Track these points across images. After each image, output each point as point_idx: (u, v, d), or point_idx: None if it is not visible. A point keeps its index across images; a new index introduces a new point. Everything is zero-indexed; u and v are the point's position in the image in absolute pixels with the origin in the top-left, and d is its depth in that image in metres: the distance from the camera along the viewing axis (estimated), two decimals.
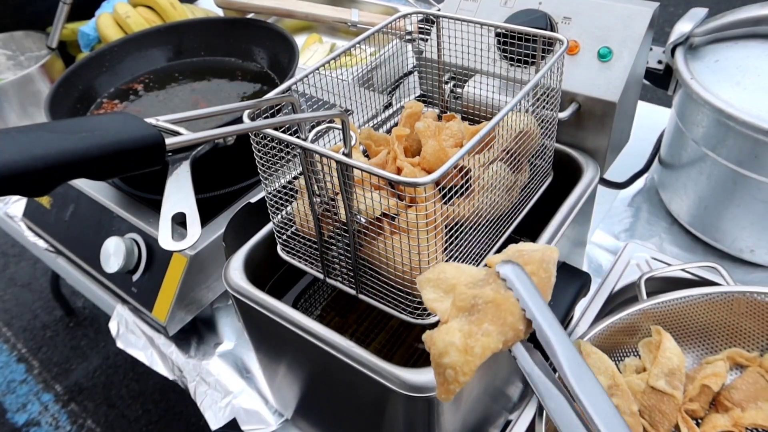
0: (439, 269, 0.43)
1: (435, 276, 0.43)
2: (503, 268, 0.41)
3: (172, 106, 0.90)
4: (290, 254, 0.59)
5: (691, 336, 0.66)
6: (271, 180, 0.56)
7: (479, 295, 0.40)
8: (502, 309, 0.39)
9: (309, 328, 0.52)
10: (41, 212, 0.95)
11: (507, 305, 0.39)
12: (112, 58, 0.95)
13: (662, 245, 0.84)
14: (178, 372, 0.80)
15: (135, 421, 1.62)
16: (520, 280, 0.41)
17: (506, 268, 0.41)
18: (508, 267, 0.41)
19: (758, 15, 0.74)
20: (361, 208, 0.50)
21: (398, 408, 0.51)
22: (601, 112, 0.66)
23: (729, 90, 0.70)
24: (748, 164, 0.70)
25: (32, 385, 1.75)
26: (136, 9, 1.16)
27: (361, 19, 1.10)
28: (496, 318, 0.38)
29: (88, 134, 0.34)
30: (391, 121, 0.73)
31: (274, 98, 0.52)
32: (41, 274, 2.06)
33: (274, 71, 0.94)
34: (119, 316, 0.84)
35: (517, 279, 0.40)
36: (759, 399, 0.59)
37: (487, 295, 0.39)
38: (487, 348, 0.38)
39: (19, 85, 1.10)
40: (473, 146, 0.47)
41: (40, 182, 0.32)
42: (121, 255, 0.78)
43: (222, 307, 0.85)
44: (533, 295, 0.40)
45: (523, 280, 0.41)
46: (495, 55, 0.68)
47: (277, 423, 0.72)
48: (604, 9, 0.67)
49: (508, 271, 0.41)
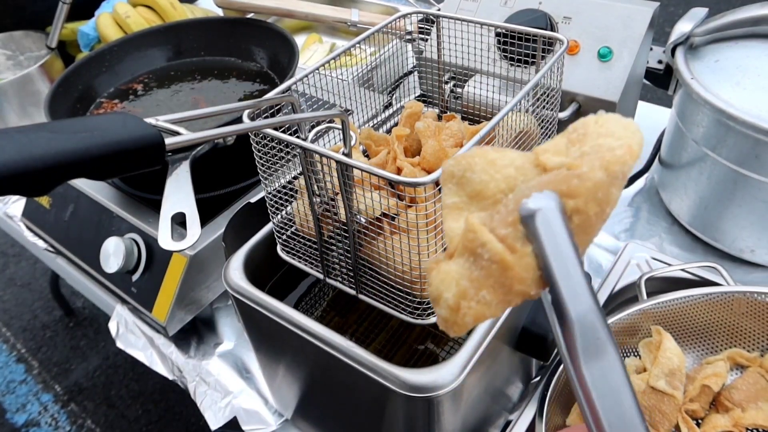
0: (468, 159, 0.32)
1: (460, 170, 0.32)
2: (530, 205, 0.29)
3: (172, 106, 0.90)
4: (290, 254, 0.59)
5: (691, 336, 0.65)
6: (271, 180, 0.56)
7: (487, 245, 0.29)
8: (508, 275, 0.29)
9: (309, 328, 0.52)
10: (41, 212, 0.95)
11: (517, 270, 0.29)
12: (112, 58, 0.95)
13: (662, 245, 0.84)
14: (177, 372, 0.80)
15: (135, 422, 1.62)
16: (549, 230, 0.28)
17: (535, 205, 0.28)
18: (538, 205, 0.28)
19: (758, 15, 0.74)
20: (361, 208, 0.50)
21: (398, 408, 0.51)
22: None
23: (729, 90, 0.70)
24: (748, 164, 0.70)
25: (32, 385, 1.75)
26: (135, 9, 1.16)
27: (361, 19, 1.10)
28: (499, 285, 0.29)
29: (88, 134, 0.34)
30: (391, 121, 0.73)
31: (273, 98, 0.52)
32: (41, 274, 2.06)
33: (274, 71, 0.94)
34: (119, 316, 0.84)
35: (544, 228, 0.28)
36: (759, 399, 0.59)
37: (494, 251, 0.29)
38: (479, 318, 0.29)
39: (18, 85, 1.10)
40: (473, 146, 0.47)
41: (39, 182, 0.32)
42: (120, 255, 0.78)
43: (222, 307, 0.85)
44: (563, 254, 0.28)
45: (553, 230, 0.28)
46: (495, 55, 0.68)
47: (277, 423, 0.72)
48: (604, 9, 0.67)
49: (536, 214, 0.28)
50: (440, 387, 0.47)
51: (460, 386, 0.48)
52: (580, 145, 0.30)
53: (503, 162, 0.32)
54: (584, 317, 0.29)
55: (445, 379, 0.47)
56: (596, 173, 0.28)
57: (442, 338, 0.62)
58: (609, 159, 0.28)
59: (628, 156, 0.28)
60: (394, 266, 0.50)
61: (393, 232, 0.50)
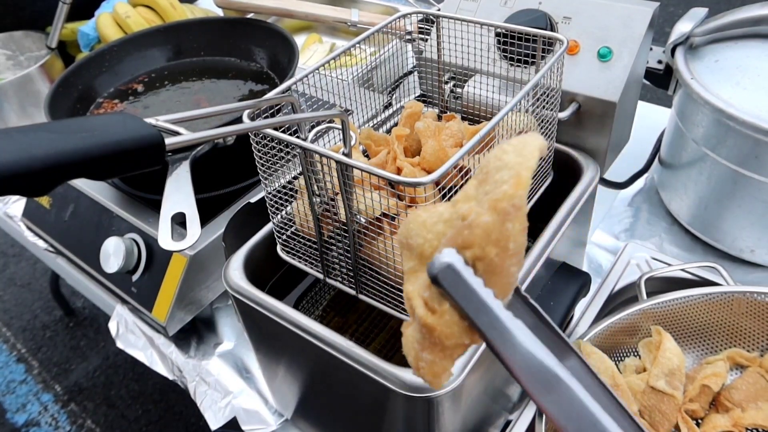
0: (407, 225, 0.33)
1: (404, 237, 0.32)
2: (435, 265, 0.29)
3: (172, 106, 0.90)
4: (290, 254, 0.59)
5: (691, 336, 0.66)
6: (271, 180, 0.56)
7: (415, 310, 0.30)
8: (435, 335, 0.29)
9: (309, 328, 0.52)
10: (41, 212, 0.95)
11: (440, 329, 0.29)
12: (112, 58, 0.95)
13: (662, 245, 0.84)
14: (177, 372, 0.80)
15: (135, 422, 1.62)
16: (456, 285, 0.28)
17: (438, 265, 0.29)
18: (440, 263, 0.29)
19: (758, 15, 0.74)
20: (361, 208, 0.50)
21: (398, 408, 0.51)
22: (601, 112, 0.66)
23: (729, 90, 0.70)
24: (748, 164, 0.70)
25: (32, 385, 1.75)
26: (135, 9, 1.16)
27: (361, 19, 1.10)
28: (433, 345, 0.30)
29: (88, 134, 0.34)
30: (391, 121, 0.73)
31: (273, 98, 0.52)
32: (41, 274, 2.06)
33: (273, 71, 0.94)
34: (119, 316, 0.84)
35: (451, 285, 0.28)
36: (759, 399, 0.59)
37: (419, 316, 0.30)
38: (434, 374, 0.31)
39: (18, 85, 1.10)
40: (473, 146, 0.47)
41: (39, 182, 0.32)
42: (120, 255, 0.78)
43: (222, 307, 0.85)
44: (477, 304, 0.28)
45: (460, 283, 0.28)
46: (495, 55, 0.68)
47: (277, 423, 0.72)
48: (604, 9, 0.67)
49: (439, 273, 0.29)
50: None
51: (459, 386, 0.48)
52: (484, 185, 0.30)
53: (432, 220, 0.32)
54: (523, 359, 0.29)
55: None
56: (483, 218, 0.28)
57: None
58: (495, 198, 0.28)
59: (514, 189, 0.28)
60: (394, 266, 0.50)
61: (393, 232, 0.50)
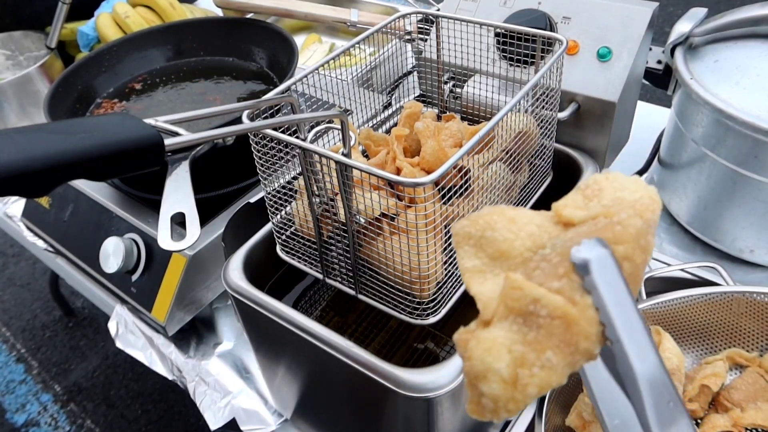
0: (486, 218, 0.30)
1: (478, 230, 0.29)
2: (582, 254, 0.26)
3: (172, 106, 0.90)
4: (290, 254, 0.59)
5: (690, 336, 0.66)
6: (271, 180, 0.56)
7: (542, 300, 0.26)
8: (574, 331, 0.25)
9: (308, 328, 0.52)
10: (40, 212, 0.95)
11: (582, 324, 0.25)
12: (112, 58, 0.95)
13: (662, 245, 0.84)
14: (177, 372, 0.80)
15: (134, 422, 1.62)
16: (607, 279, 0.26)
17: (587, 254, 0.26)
18: (590, 253, 0.26)
19: (758, 15, 0.74)
20: (361, 209, 0.50)
21: (397, 408, 0.51)
22: (600, 112, 0.66)
23: (729, 90, 0.70)
24: (747, 164, 0.70)
25: (31, 385, 1.75)
26: (135, 9, 1.16)
27: (360, 19, 1.10)
28: (565, 344, 0.26)
29: (87, 135, 0.34)
30: (391, 121, 0.73)
31: (273, 98, 0.52)
32: (40, 274, 2.06)
33: (273, 71, 0.94)
34: (118, 316, 0.84)
35: (602, 277, 0.26)
36: (758, 399, 0.59)
37: (554, 305, 0.26)
38: (545, 387, 0.26)
39: (18, 85, 1.10)
40: (473, 146, 0.47)
41: (39, 183, 0.32)
42: (120, 255, 0.78)
43: (221, 307, 0.85)
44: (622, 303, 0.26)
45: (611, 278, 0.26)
46: (494, 55, 0.68)
47: (277, 423, 0.72)
48: (603, 9, 0.67)
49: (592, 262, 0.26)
50: (439, 387, 0.47)
51: (459, 386, 0.48)
52: (598, 200, 0.29)
53: (523, 220, 0.30)
54: (653, 378, 0.26)
55: (444, 379, 0.47)
56: (635, 219, 0.27)
57: (442, 338, 0.62)
58: (640, 208, 0.27)
59: (655, 204, 0.28)
60: (394, 266, 0.50)
61: (392, 232, 0.50)
